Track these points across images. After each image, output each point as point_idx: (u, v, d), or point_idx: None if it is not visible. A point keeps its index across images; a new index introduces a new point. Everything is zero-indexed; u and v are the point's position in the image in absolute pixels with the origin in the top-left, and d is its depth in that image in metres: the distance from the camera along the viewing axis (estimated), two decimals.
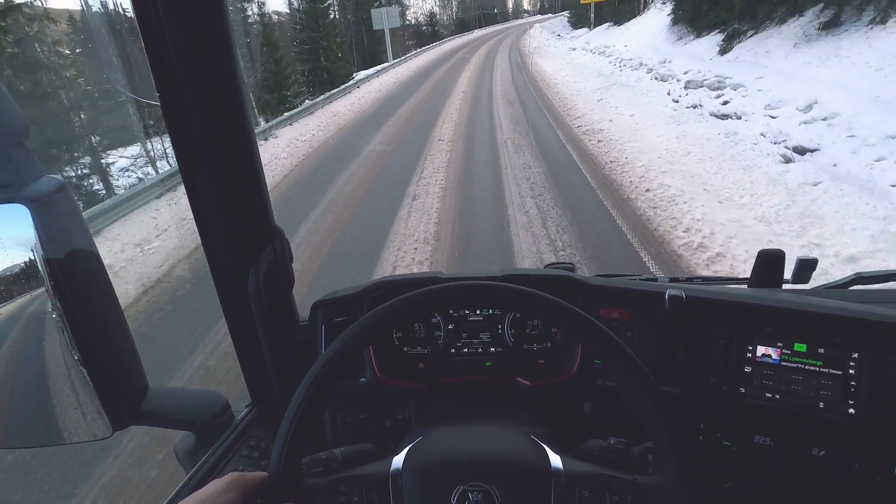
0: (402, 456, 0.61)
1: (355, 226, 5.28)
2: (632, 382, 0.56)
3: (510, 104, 11.35)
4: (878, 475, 0.81)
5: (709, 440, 0.90)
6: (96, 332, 0.66)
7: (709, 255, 3.85)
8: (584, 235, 4.41)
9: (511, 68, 18.34)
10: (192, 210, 0.83)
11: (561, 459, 0.59)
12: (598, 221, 4.69)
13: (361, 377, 1.00)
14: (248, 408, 1.00)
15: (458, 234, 4.75)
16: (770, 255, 1.10)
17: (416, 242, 4.63)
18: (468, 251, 4.40)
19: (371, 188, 6.51)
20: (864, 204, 4.36)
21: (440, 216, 5.22)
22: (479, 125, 9.61)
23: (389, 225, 5.10)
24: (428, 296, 0.59)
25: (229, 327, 0.94)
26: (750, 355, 0.88)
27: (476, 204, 5.55)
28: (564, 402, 0.98)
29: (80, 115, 9.68)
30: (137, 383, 0.76)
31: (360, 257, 4.46)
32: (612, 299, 0.97)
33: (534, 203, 5.30)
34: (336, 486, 0.58)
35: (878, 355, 0.81)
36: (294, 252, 1.00)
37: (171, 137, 0.75)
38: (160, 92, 0.71)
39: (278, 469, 0.55)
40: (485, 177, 6.44)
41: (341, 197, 6.26)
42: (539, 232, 4.58)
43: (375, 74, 19.84)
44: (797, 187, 4.87)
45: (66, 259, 0.61)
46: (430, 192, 6.00)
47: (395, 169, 7.23)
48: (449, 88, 15.00)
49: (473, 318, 1.05)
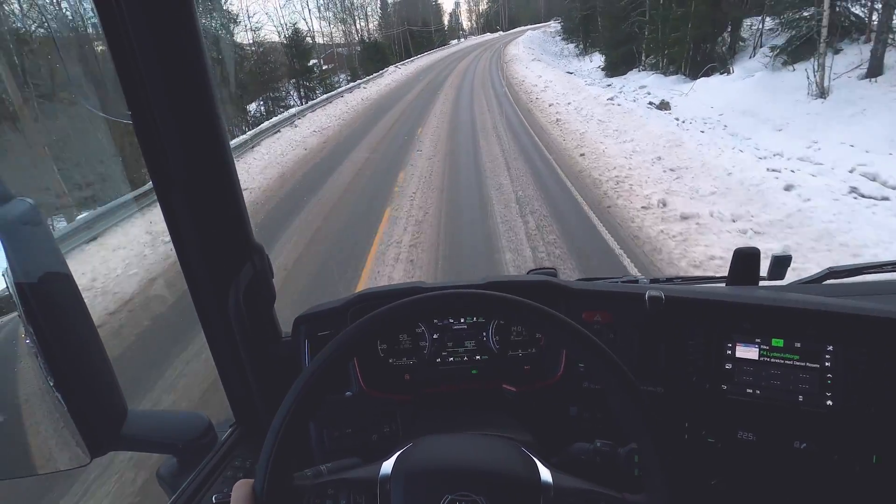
0: (392, 461, 0.60)
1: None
2: (614, 385, 0.56)
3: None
4: (858, 465, 0.83)
5: (693, 438, 0.92)
6: (71, 356, 0.65)
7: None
8: None
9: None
10: (168, 228, 0.82)
11: (551, 473, 0.59)
12: None
13: (347, 391, 0.99)
14: (232, 428, 0.99)
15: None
16: (745, 253, 1.13)
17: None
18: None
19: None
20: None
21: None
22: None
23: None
24: (408, 306, 0.59)
25: (210, 346, 0.92)
26: (730, 352, 0.90)
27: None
28: (551, 407, 0.98)
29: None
30: (116, 407, 0.74)
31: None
32: (594, 302, 0.98)
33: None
34: (324, 489, 0.57)
35: (850, 347, 0.83)
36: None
37: (144, 156, 0.75)
38: (131, 110, 0.70)
39: (264, 486, 0.54)
40: None
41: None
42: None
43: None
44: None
45: (39, 283, 0.60)
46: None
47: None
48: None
49: (458, 327, 1.05)
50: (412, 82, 24.18)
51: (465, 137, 10.18)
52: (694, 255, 4.09)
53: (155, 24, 0.68)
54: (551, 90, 14.88)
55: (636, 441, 0.57)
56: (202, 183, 0.80)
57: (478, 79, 21.72)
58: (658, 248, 4.31)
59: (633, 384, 0.56)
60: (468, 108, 14.10)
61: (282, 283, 4.40)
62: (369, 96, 20.44)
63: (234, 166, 0.84)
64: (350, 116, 15.57)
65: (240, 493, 0.54)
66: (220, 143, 0.80)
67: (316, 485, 0.58)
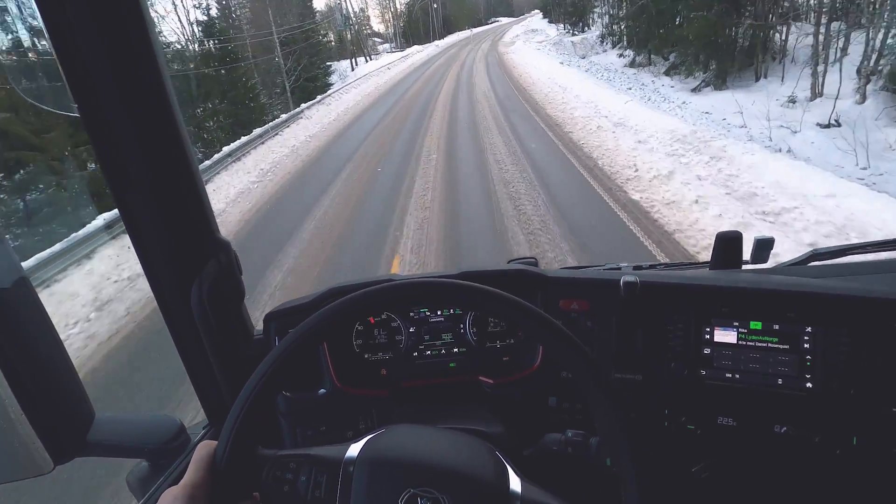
0: (360, 445, 0.58)
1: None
2: (580, 373, 0.54)
3: None
4: (838, 447, 0.82)
5: (673, 425, 0.90)
6: (32, 363, 0.63)
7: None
8: None
9: None
10: (126, 228, 0.79)
11: (521, 483, 0.56)
12: None
13: (321, 388, 0.97)
14: (205, 429, 0.97)
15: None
16: (727, 237, 1.11)
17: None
18: None
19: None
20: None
21: None
22: None
23: None
24: (375, 294, 0.57)
25: (177, 346, 0.90)
26: (708, 337, 0.89)
27: None
28: (530, 398, 0.97)
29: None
30: (81, 412, 0.72)
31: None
32: (571, 290, 0.97)
33: None
34: (286, 462, 0.56)
35: (830, 328, 0.82)
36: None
37: (94, 149, 0.71)
38: (77, 101, 0.67)
39: (226, 450, 0.53)
40: None
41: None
42: None
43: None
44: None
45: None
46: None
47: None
48: None
49: (435, 320, 1.03)
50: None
51: None
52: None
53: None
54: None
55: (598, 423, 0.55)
56: (160, 178, 0.77)
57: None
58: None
59: (600, 373, 0.54)
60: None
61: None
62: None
63: (194, 158, 0.81)
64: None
65: (201, 453, 0.54)
66: (177, 133, 0.77)
67: (279, 456, 0.56)
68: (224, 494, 0.53)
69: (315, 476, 0.55)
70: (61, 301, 5.06)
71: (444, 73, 22.48)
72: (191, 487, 0.51)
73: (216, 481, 0.52)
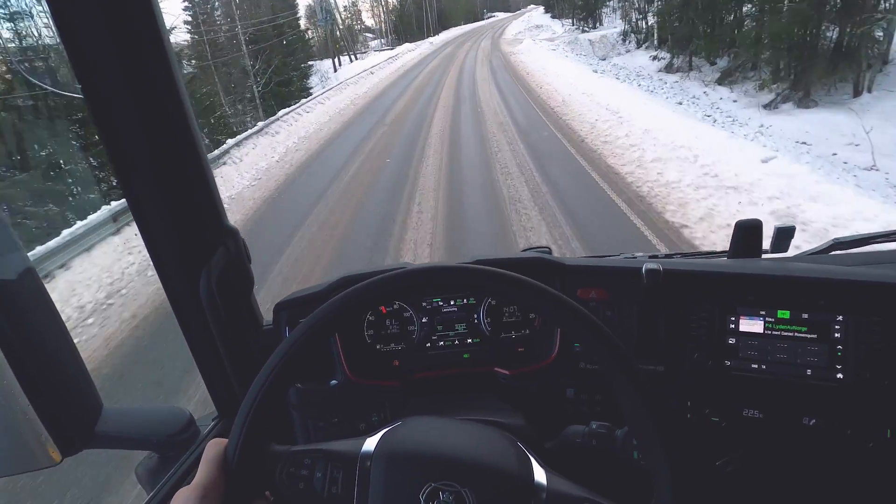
0: (376, 439, 0.56)
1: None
2: (613, 367, 0.52)
3: None
4: (871, 440, 0.79)
5: (696, 417, 0.87)
6: (38, 355, 0.62)
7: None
8: None
9: None
10: (133, 215, 0.77)
11: (546, 474, 0.54)
12: None
13: (332, 380, 0.95)
14: (215, 421, 0.95)
15: None
16: (747, 225, 1.08)
17: None
18: None
19: None
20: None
21: None
22: None
23: None
24: (389, 280, 0.55)
25: (185, 337, 0.88)
26: (733, 326, 0.85)
27: None
28: (547, 389, 0.94)
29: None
30: (89, 404, 0.72)
31: None
32: (589, 279, 0.94)
33: None
34: (300, 458, 0.54)
35: (862, 316, 0.79)
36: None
37: (99, 135, 0.69)
38: (81, 83, 0.65)
39: (237, 447, 0.51)
40: None
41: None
42: None
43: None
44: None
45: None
46: None
47: None
48: None
49: (448, 310, 1.00)
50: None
51: None
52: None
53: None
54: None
55: (629, 418, 0.53)
56: (167, 165, 0.75)
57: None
58: None
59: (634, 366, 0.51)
60: None
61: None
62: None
63: (202, 145, 0.79)
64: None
65: (211, 452, 0.52)
66: (185, 119, 0.75)
67: (292, 452, 0.54)
68: (237, 493, 0.51)
69: (331, 472, 0.53)
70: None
71: (440, 81, 16.63)
72: (203, 488, 0.50)
73: (229, 480, 0.51)
